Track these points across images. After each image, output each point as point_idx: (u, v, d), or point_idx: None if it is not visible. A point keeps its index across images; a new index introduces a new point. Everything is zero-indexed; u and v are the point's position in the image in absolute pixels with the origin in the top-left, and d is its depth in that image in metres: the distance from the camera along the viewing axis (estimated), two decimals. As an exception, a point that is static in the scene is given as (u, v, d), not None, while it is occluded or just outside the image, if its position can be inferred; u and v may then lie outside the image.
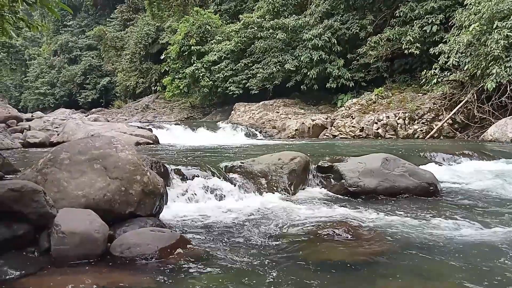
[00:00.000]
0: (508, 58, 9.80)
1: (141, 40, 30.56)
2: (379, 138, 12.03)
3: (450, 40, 11.34)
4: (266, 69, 17.41)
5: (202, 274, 2.33)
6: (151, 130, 11.50)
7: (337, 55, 15.97)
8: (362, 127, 12.56)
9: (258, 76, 17.64)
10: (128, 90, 33.25)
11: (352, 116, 13.30)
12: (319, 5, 16.51)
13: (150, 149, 8.54)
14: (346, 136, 12.75)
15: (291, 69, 16.32)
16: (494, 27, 9.89)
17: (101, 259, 2.48)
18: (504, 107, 10.61)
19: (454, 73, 11.34)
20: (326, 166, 5.17)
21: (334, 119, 13.67)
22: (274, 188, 4.66)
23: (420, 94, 13.07)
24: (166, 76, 24.53)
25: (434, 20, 12.97)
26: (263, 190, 4.62)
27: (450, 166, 6.37)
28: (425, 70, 12.04)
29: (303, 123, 13.74)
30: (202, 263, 2.47)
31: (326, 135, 13.24)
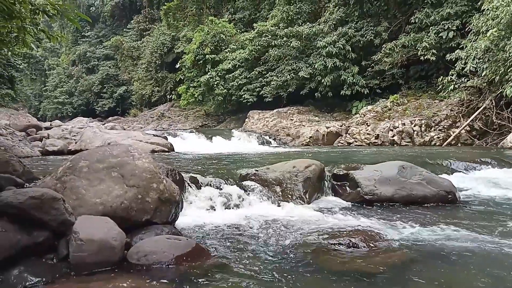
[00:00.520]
0: (527, 64, 9.60)
1: (156, 49, 31.09)
2: (395, 145, 11.88)
3: (467, 46, 11.19)
4: (280, 76, 17.46)
5: (218, 282, 2.33)
6: (166, 138, 11.62)
7: (351, 62, 15.91)
8: (378, 135, 12.44)
9: (272, 83, 17.70)
10: (143, 98, 33.77)
11: (367, 123, 13.19)
12: (333, 12, 16.53)
13: (165, 156, 8.62)
14: (361, 143, 12.64)
15: (305, 76, 16.33)
16: (512, 32, 9.73)
17: (118, 267, 2.50)
18: (524, 114, 10.38)
19: (471, 79, 11.17)
20: (341, 174, 5.12)
21: (349, 127, 13.58)
22: (289, 196, 4.64)
23: (436, 101, 12.90)
24: (181, 84, 24.86)
25: (450, 26, 12.83)
26: (278, 198, 4.60)
27: (468, 174, 6.24)
28: (441, 77, 11.89)
29: (318, 131, 13.68)
30: (218, 272, 2.47)
31: (341, 143, 13.15)
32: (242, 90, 19.46)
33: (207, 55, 20.84)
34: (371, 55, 15.25)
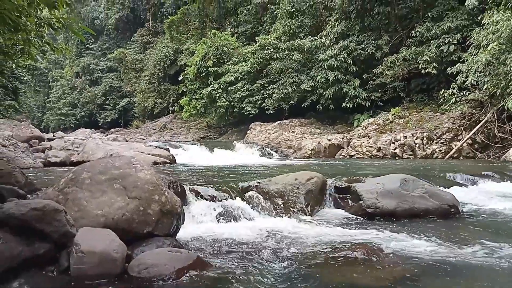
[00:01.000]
0: (528, 77, 9.64)
1: (159, 62, 31.37)
2: (397, 158, 11.86)
3: (468, 59, 11.25)
4: (282, 89, 17.56)
5: (219, 296, 2.31)
6: (168, 150, 11.64)
7: (353, 75, 16.00)
8: (379, 147, 12.43)
9: (274, 96, 17.79)
10: (146, 110, 33.93)
11: (368, 136, 13.19)
12: (335, 26, 16.70)
13: (167, 168, 8.62)
14: (363, 156, 12.63)
15: (307, 89, 16.41)
16: (513, 46, 9.79)
17: (119, 279, 2.49)
18: (526, 127, 10.38)
19: (473, 92, 11.20)
20: (343, 186, 5.11)
21: (350, 139, 13.59)
22: (291, 208, 4.62)
23: (438, 114, 12.92)
24: (184, 96, 25.01)
25: (451, 40, 12.93)
26: (280, 210, 4.59)
27: (471, 187, 6.21)
28: (443, 90, 11.94)
29: (319, 143, 13.69)
30: (219, 284, 2.45)
31: (343, 155, 13.14)
32: (244, 102, 19.56)
33: (210, 68, 21.01)
34: (373, 68, 15.34)
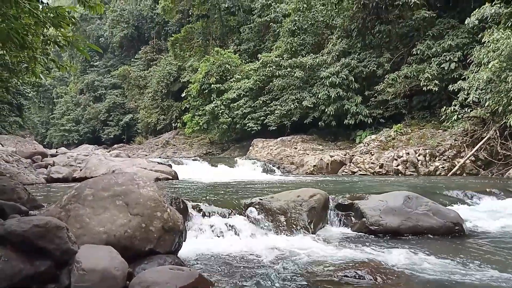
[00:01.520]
0: (530, 94, 9.67)
1: (163, 78, 31.70)
2: (400, 175, 11.81)
3: (469, 77, 11.32)
4: (284, 106, 17.66)
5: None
6: (171, 166, 11.64)
7: (354, 92, 16.10)
8: (382, 164, 12.40)
9: (276, 112, 17.88)
10: (149, 126, 34.10)
11: (371, 152, 13.18)
12: (336, 44, 16.89)
13: (169, 184, 8.61)
14: (365, 172, 12.58)
15: (309, 106, 16.50)
16: (513, 64, 9.85)
17: (119, 297, 2.46)
18: (529, 144, 10.35)
19: (474, 109, 11.23)
20: (346, 203, 5.08)
21: (353, 155, 13.57)
22: (294, 226, 4.59)
23: (440, 131, 12.92)
24: (187, 113, 25.16)
25: (452, 57, 13.04)
26: (282, 228, 4.55)
27: (475, 205, 6.16)
28: (444, 107, 11.97)
29: (322, 159, 13.67)
30: (221, 304, 2.42)
31: (345, 172, 13.10)
32: (246, 119, 19.65)
33: (213, 85, 21.20)
34: (374, 85, 15.44)
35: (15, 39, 4.21)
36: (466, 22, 11.94)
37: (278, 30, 21.42)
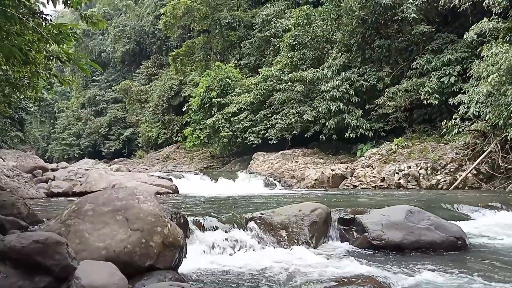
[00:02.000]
0: (530, 108, 9.69)
1: (164, 93, 31.87)
2: (401, 188, 11.76)
3: (469, 90, 11.36)
4: (284, 119, 17.70)
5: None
6: (171, 180, 11.60)
7: (355, 106, 16.15)
8: (383, 177, 12.36)
9: (277, 126, 17.92)
10: (150, 140, 34.13)
11: (372, 166, 13.15)
12: (336, 58, 17.02)
13: (170, 199, 8.58)
14: (367, 186, 12.53)
15: (310, 119, 16.53)
16: (513, 78, 9.90)
17: (119, 315, 2.42)
18: (530, 157, 10.33)
19: (475, 123, 11.24)
20: (348, 218, 5.05)
21: (354, 169, 13.54)
22: (295, 240, 4.55)
23: (441, 144, 12.91)
24: (187, 127, 25.22)
25: (451, 71, 13.11)
26: (284, 242, 4.52)
27: (478, 219, 6.11)
28: (445, 120, 11.99)
29: (323, 173, 13.63)
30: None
31: (346, 185, 13.05)
32: (247, 132, 19.67)
33: (214, 99, 21.30)
34: (375, 99, 15.49)
35: (18, 56, 4.25)
36: (465, 37, 12.04)
37: (278, 45, 21.61)
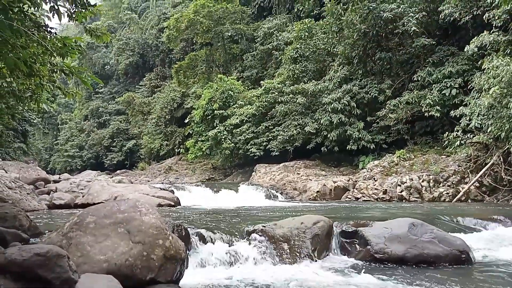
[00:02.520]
0: (532, 120, 9.68)
1: (166, 105, 32.05)
2: (404, 201, 11.69)
3: (470, 103, 11.37)
4: (286, 131, 17.74)
5: None
6: (173, 192, 11.58)
7: (356, 118, 16.18)
8: (385, 190, 12.30)
9: (279, 138, 17.94)
10: (152, 152, 34.19)
11: (374, 178, 13.10)
12: (338, 71, 17.13)
13: (171, 211, 8.55)
14: (369, 198, 12.47)
15: (311, 131, 16.56)
16: (514, 90, 9.92)
17: (119, 329, 2.40)
18: (533, 170, 10.28)
19: (477, 135, 11.23)
20: (350, 231, 5.01)
21: (356, 181, 13.49)
22: (297, 253, 4.52)
23: (443, 156, 12.87)
24: (190, 138, 25.27)
25: (452, 83, 13.15)
26: (286, 256, 4.48)
27: (481, 232, 6.06)
28: (447, 132, 11.97)
29: (325, 185, 13.58)
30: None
31: (349, 197, 12.99)
32: (249, 144, 19.70)
33: (216, 111, 21.40)
34: (376, 111, 15.53)
35: (23, 68, 4.30)
36: (465, 50, 12.11)
37: (280, 58, 21.79)
